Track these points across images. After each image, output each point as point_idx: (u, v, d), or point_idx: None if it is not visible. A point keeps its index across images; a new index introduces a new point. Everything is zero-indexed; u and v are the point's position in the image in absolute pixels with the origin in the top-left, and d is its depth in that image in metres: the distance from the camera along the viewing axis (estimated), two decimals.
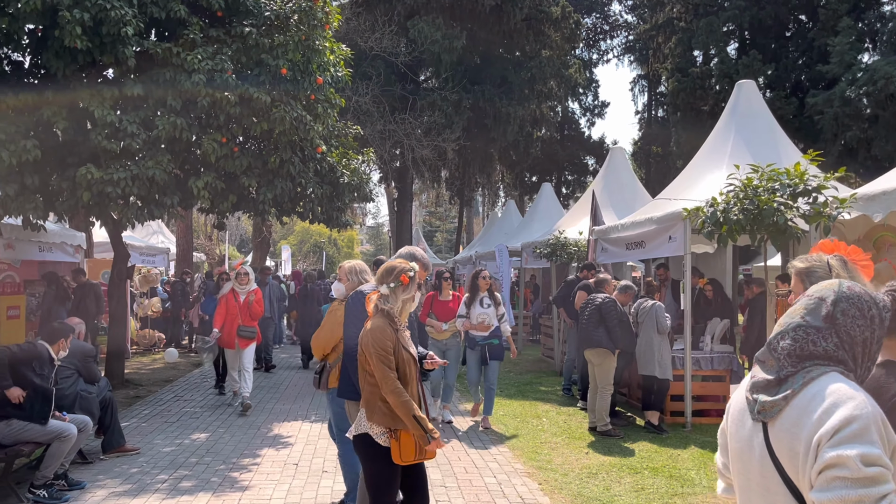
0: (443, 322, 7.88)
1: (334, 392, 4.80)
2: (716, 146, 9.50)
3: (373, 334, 3.49)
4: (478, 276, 7.94)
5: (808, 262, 2.51)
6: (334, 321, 4.78)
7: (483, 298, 7.86)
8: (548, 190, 19.18)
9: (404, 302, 3.62)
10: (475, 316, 7.79)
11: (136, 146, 8.29)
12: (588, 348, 8.39)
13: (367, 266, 5.05)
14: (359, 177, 10.24)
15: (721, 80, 21.36)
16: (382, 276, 3.63)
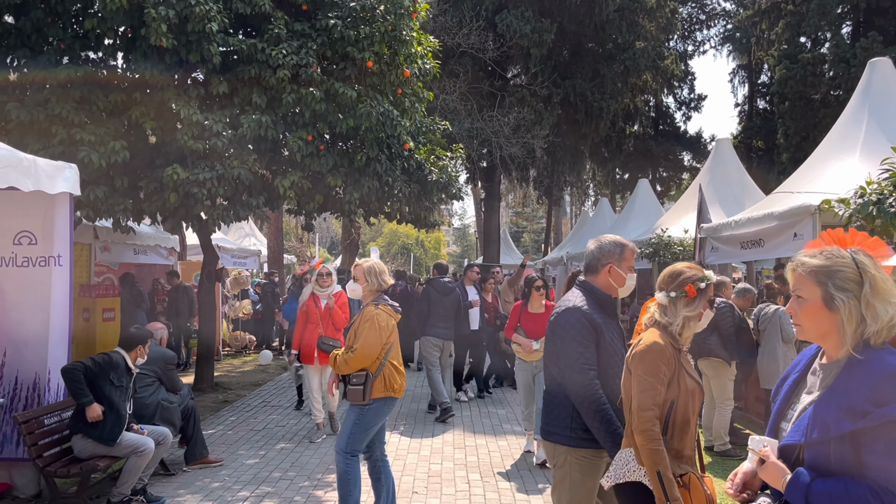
0: (533, 339, 6.54)
1: (373, 402, 4.38)
2: (846, 132, 8.47)
3: (645, 351, 2.70)
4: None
5: (827, 258, 1.95)
6: (376, 329, 4.33)
7: None
8: (644, 186, 18.19)
9: (686, 320, 2.81)
10: None
11: (221, 145, 8.09)
12: (700, 358, 7.60)
13: (385, 267, 4.62)
14: (447, 174, 9.74)
15: (835, 66, 19.70)
16: (665, 282, 2.88)
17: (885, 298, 1.87)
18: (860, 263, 1.90)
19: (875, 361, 1.82)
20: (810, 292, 1.94)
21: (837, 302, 1.88)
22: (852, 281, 1.88)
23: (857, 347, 1.86)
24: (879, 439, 1.74)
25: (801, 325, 1.98)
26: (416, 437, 7.42)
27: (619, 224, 18.36)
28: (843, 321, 1.87)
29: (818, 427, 1.84)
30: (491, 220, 24.19)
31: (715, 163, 12.97)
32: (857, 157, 7.97)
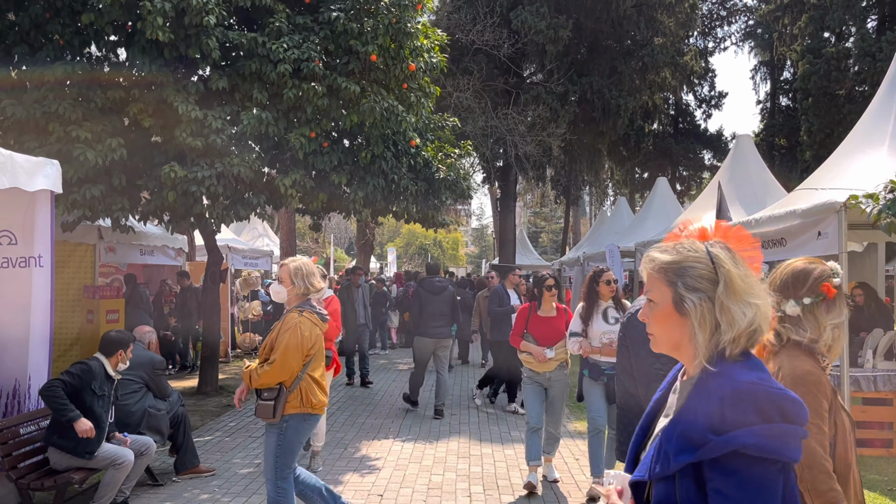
0: (545, 346, 5.77)
1: (288, 420, 3.98)
2: (874, 125, 8.04)
3: (797, 384, 2.10)
4: (599, 279, 5.57)
5: (679, 252, 1.58)
6: (298, 338, 3.89)
7: (608, 310, 5.55)
8: (663, 185, 17.77)
9: (833, 330, 2.23)
10: (597, 334, 5.45)
11: (221, 143, 7.85)
12: None
13: (315, 268, 4.14)
14: (455, 172, 9.44)
15: (861, 60, 19.13)
16: (789, 286, 2.28)
17: (743, 299, 1.52)
18: (715, 257, 1.54)
19: (722, 377, 1.47)
20: (661, 294, 1.58)
21: (688, 304, 1.53)
22: (705, 279, 1.53)
23: (711, 359, 1.51)
24: (721, 474, 1.41)
25: (653, 335, 1.63)
26: (420, 444, 7.13)
27: (636, 223, 17.97)
28: (695, 327, 1.53)
29: (661, 460, 1.50)
30: (507, 219, 23.86)
31: (735, 160, 12.54)
32: (886, 150, 7.55)
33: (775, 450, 1.39)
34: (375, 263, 43.59)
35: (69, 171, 7.53)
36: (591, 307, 5.52)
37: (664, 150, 31.05)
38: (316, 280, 4.09)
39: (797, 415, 1.43)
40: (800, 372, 2.12)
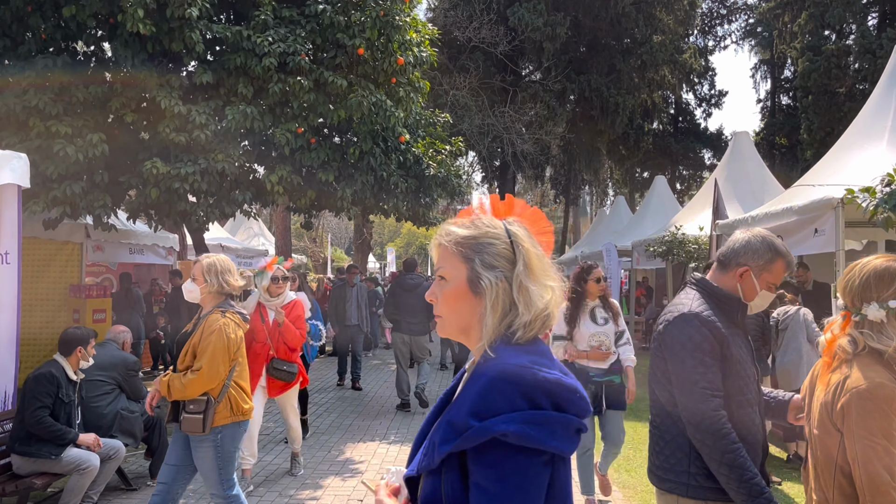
0: None
1: (221, 430, 3.68)
2: (872, 119, 7.87)
3: (868, 397, 1.91)
4: (586, 277, 4.99)
5: (477, 227, 1.46)
6: (224, 342, 3.58)
7: (595, 309, 5.03)
8: (661, 183, 17.59)
9: None
10: (584, 337, 4.93)
11: (205, 138, 7.68)
12: None
13: (233, 265, 3.82)
14: (447, 169, 9.26)
15: (861, 58, 18.95)
16: (871, 286, 2.05)
17: (541, 280, 1.41)
18: (514, 235, 1.43)
19: (495, 360, 1.34)
20: (455, 271, 1.44)
21: (484, 283, 1.40)
22: (503, 257, 1.41)
23: (493, 343, 1.37)
24: (481, 465, 1.27)
25: (441, 317, 1.47)
26: (407, 446, 6.96)
27: (635, 222, 17.79)
28: (488, 308, 1.39)
29: (429, 452, 1.37)
30: None
31: (732, 157, 12.38)
32: (885, 145, 7.39)
33: (539, 439, 1.24)
34: (375, 263, 43.48)
35: (49, 167, 7.38)
36: (577, 307, 4.97)
37: (664, 149, 30.89)
38: (231, 278, 3.78)
39: (571, 403, 1.29)
40: (870, 384, 1.92)
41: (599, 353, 4.93)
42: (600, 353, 4.93)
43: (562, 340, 4.98)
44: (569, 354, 4.95)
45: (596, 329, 4.97)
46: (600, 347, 4.93)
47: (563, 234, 36.05)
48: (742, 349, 2.43)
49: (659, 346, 2.48)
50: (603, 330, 4.98)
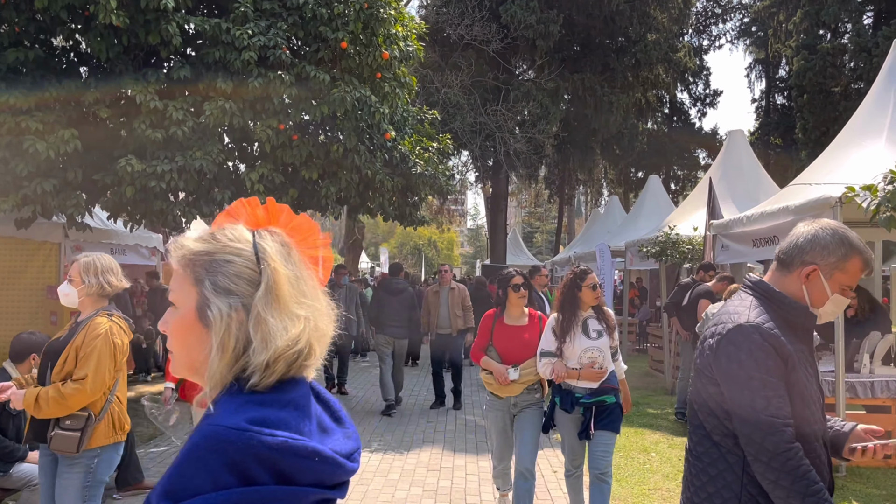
0: (509, 364, 4.55)
1: (99, 452, 3.25)
2: (871, 116, 7.64)
3: None
4: (579, 283, 4.37)
5: (215, 240, 1.13)
6: (110, 349, 3.20)
7: (589, 321, 4.40)
8: (655, 183, 17.35)
9: None
10: (576, 352, 4.31)
11: (182, 135, 7.42)
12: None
13: (114, 263, 3.41)
14: (434, 167, 9.01)
15: (856, 56, 18.76)
16: None
17: (289, 309, 1.10)
18: (262, 251, 1.11)
19: (210, 418, 1.03)
20: (184, 296, 1.13)
21: (212, 312, 1.09)
22: (244, 279, 1.10)
23: (219, 393, 1.07)
24: None
25: (172, 353, 1.16)
26: (389, 455, 6.70)
27: (628, 222, 17.56)
28: (214, 346, 1.08)
29: None
30: (497, 218, 23.46)
31: (727, 156, 12.14)
32: (884, 143, 7.16)
33: None
34: (368, 263, 43.18)
35: (19, 164, 7.12)
36: (570, 319, 4.30)
37: (658, 148, 30.68)
38: (114, 278, 3.36)
39: (304, 471, 1.01)
40: None
41: (592, 371, 4.26)
42: (593, 373, 4.26)
43: (550, 357, 4.32)
44: (556, 374, 4.27)
45: (589, 344, 4.31)
46: (593, 365, 4.27)
47: (557, 235, 35.88)
48: (808, 369, 2.03)
49: (707, 363, 2.04)
50: (597, 345, 4.31)
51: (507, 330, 4.66)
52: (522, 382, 4.52)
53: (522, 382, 4.52)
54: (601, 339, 4.35)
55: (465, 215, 66.85)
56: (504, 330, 4.67)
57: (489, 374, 4.59)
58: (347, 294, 10.00)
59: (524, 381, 4.52)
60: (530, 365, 4.50)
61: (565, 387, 4.36)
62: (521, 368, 4.50)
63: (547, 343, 4.37)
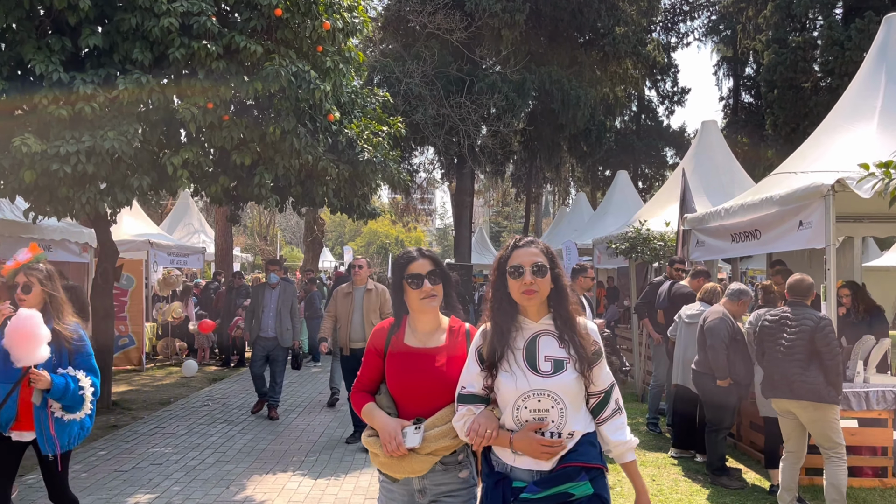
0: (408, 419, 2.54)
1: None
2: (860, 99, 7.00)
3: None
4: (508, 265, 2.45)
5: None
6: None
7: (539, 339, 2.44)
8: (624, 178, 16.76)
9: None
10: (510, 400, 2.40)
11: (91, 112, 6.47)
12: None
13: None
14: (384, 153, 8.16)
15: (828, 50, 18.34)
16: None
17: None
18: None
19: None
20: None
21: None
22: None
23: None
24: None
25: None
26: (324, 479, 5.85)
27: (596, 219, 16.93)
28: None
29: None
30: (462, 215, 22.65)
31: (700, 148, 11.52)
32: (875, 126, 6.52)
33: None
34: (331, 262, 42.06)
35: None
36: (502, 332, 2.42)
37: (626, 146, 30.24)
38: None
39: None
40: None
41: (535, 443, 2.32)
42: (536, 445, 2.32)
43: (473, 404, 2.44)
44: (472, 435, 2.37)
45: (536, 384, 2.36)
46: (541, 429, 2.35)
47: (524, 233, 35.25)
48: None
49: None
50: (549, 386, 2.35)
51: (408, 357, 2.60)
52: (430, 453, 2.47)
53: (430, 453, 2.47)
54: (560, 375, 2.36)
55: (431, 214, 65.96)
56: (402, 357, 2.60)
57: (374, 438, 2.54)
58: (281, 296, 8.22)
59: (435, 451, 2.47)
60: (445, 419, 2.50)
61: (496, 461, 2.45)
62: (429, 427, 2.48)
63: (467, 378, 2.48)
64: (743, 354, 5.86)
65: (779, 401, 4.98)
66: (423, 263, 2.59)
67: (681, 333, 6.72)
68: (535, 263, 2.40)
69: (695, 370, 6.10)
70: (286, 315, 8.07)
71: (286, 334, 8.09)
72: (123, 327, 12.08)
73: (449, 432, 2.48)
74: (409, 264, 2.61)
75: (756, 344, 5.34)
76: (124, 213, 13.10)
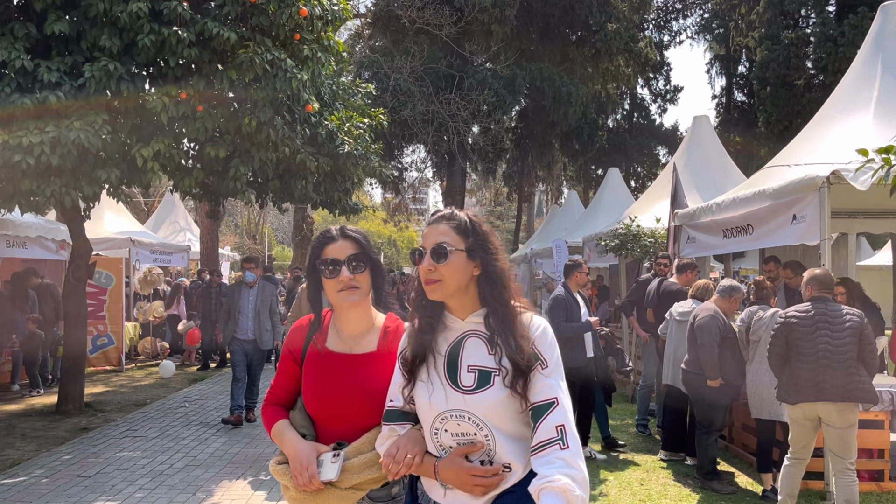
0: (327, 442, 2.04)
1: None
2: (855, 90, 6.78)
3: None
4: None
5: None
6: None
7: (466, 341, 1.86)
8: (615, 176, 16.51)
9: None
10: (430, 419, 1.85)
11: (56, 101, 6.20)
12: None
13: None
14: (365, 146, 7.90)
15: (821, 46, 18.17)
16: None
17: None
18: None
19: None
20: None
21: None
22: None
23: None
24: None
25: None
26: None
27: (587, 216, 16.68)
28: None
29: None
30: None
31: (692, 143, 11.29)
32: (871, 117, 6.29)
33: None
34: None
35: None
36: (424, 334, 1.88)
37: (618, 144, 30.05)
38: None
39: None
40: None
41: (464, 471, 1.78)
42: (466, 474, 1.77)
43: (397, 422, 1.92)
44: (391, 465, 1.83)
45: (454, 403, 1.80)
46: (470, 454, 1.81)
47: (516, 233, 35.08)
48: None
49: None
50: (470, 407, 1.78)
51: (328, 364, 2.09)
52: (353, 487, 1.98)
53: (353, 487, 1.98)
54: (483, 392, 1.78)
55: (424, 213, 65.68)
56: (321, 364, 2.10)
57: (284, 466, 2.05)
58: (259, 295, 7.67)
59: (359, 484, 1.98)
60: (372, 444, 1.99)
61: (423, 501, 1.92)
62: (351, 454, 1.99)
63: (393, 389, 1.95)
64: (734, 353, 5.63)
65: (808, 406, 4.49)
66: (343, 246, 2.07)
67: (671, 332, 6.48)
68: (436, 245, 1.83)
69: (684, 370, 5.87)
70: (265, 316, 7.61)
71: (265, 336, 7.62)
72: (102, 326, 11.78)
73: (375, 460, 1.95)
74: (326, 246, 2.09)
75: (773, 344, 4.75)
76: (105, 209, 12.80)
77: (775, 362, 4.74)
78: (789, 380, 4.60)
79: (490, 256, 1.86)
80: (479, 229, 1.88)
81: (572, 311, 6.28)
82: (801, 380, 4.51)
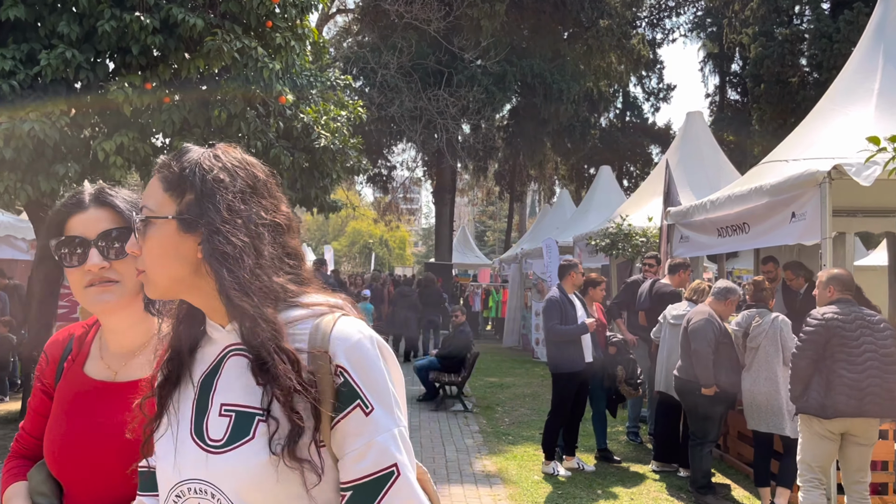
0: None
1: None
2: (855, 83, 6.46)
3: None
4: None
5: None
6: None
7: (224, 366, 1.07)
8: (607, 174, 16.20)
9: None
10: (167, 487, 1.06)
11: (9, 90, 5.82)
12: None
13: None
14: (343, 140, 7.54)
15: (816, 42, 17.89)
16: None
17: None
18: None
19: None
20: None
21: None
22: None
23: None
24: None
25: None
26: None
27: (579, 215, 16.37)
28: None
29: None
30: (442, 212, 22.07)
31: (685, 140, 10.98)
32: (873, 109, 5.97)
33: None
34: (310, 262, 41.36)
35: None
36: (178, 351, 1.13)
37: (611, 143, 29.77)
38: None
39: None
40: None
41: None
42: None
43: (147, 493, 1.20)
44: None
45: (195, 467, 1.03)
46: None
47: (508, 232, 34.78)
48: None
49: None
50: (214, 472, 1.01)
51: (79, 398, 1.42)
52: None
53: None
54: (239, 447, 1.00)
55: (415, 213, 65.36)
56: (70, 397, 1.43)
57: None
58: None
59: None
60: None
61: None
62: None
63: None
64: (730, 360, 5.29)
65: (846, 420, 4.01)
66: (96, 216, 1.39)
67: (665, 336, 6.14)
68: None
69: (677, 377, 5.53)
70: None
71: None
72: None
73: None
74: (69, 218, 1.41)
75: (806, 348, 4.15)
76: None
77: (807, 370, 4.12)
78: (825, 390, 4.03)
79: (224, 223, 1.01)
80: (209, 177, 1.04)
81: (567, 314, 5.96)
82: (842, 390, 3.97)
